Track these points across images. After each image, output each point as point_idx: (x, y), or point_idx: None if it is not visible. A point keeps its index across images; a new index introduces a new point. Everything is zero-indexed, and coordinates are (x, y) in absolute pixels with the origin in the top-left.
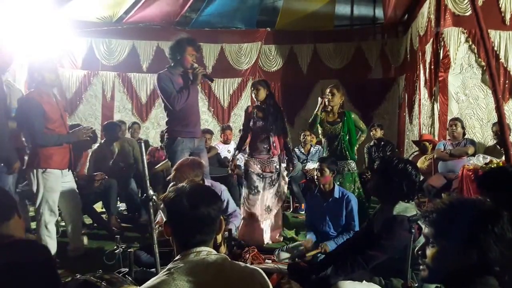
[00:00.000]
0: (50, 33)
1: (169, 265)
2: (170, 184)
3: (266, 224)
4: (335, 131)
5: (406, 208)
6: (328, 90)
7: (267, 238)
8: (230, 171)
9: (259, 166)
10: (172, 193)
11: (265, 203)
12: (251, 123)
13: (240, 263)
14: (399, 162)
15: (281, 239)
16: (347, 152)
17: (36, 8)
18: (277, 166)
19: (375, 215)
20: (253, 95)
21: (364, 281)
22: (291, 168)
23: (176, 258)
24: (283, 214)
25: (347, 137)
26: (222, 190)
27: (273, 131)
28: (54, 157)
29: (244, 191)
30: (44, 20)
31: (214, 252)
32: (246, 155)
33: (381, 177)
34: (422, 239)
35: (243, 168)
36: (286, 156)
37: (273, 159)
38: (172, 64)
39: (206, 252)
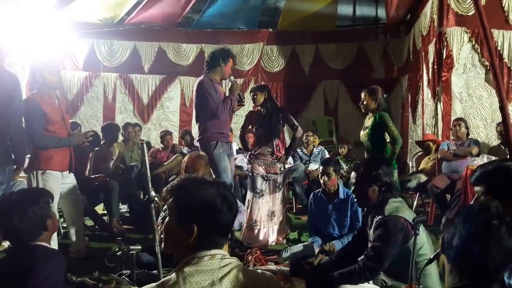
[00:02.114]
0: (52, 35)
1: (180, 267)
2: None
3: (271, 228)
4: (365, 137)
5: (397, 208)
6: (362, 95)
7: (271, 241)
8: None
9: (263, 168)
10: (210, 191)
11: (270, 208)
12: (253, 129)
13: (255, 270)
14: (359, 167)
15: (284, 241)
16: None
17: (37, 9)
18: (282, 168)
19: (367, 218)
20: (252, 100)
21: (366, 284)
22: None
23: (187, 259)
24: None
25: (371, 143)
26: None
27: (275, 134)
28: (54, 159)
29: (248, 194)
30: (45, 21)
31: (228, 255)
32: (251, 157)
33: (355, 188)
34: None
35: (245, 169)
36: (287, 147)
37: (277, 160)
38: (208, 71)
39: (220, 256)
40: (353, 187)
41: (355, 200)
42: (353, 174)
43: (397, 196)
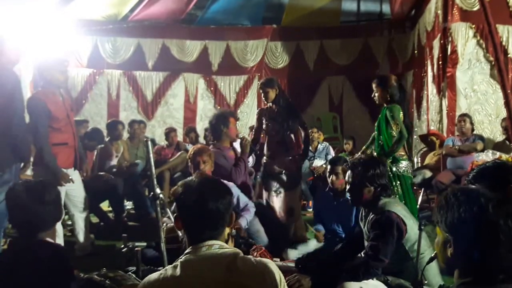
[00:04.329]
0: (55, 32)
1: (180, 258)
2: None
3: (291, 225)
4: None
5: (388, 203)
6: (373, 86)
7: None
8: None
9: (278, 166)
10: (180, 188)
11: (289, 205)
12: (263, 126)
13: (252, 258)
14: (357, 166)
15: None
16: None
17: (40, 6)
18: (297, 166)
19: (361, 216)
20: (263, 98)
21: (370, 280)
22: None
23: (188, 251)
24: None
25: (379, 135)
26: (231, 186)
27: (288, 131)
28: (59, 156)
29: (265, 194)
30: (49, 18)
31: (226, 246)
32: (265, 157)
33: (351, 187)
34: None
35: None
36: (302, 150)
37: (293, 159)
38: (215, 141)
39: (218, 246)
40: (348, 186)
41: (349, 198)
42: (349, 173)
43: (390, 196)
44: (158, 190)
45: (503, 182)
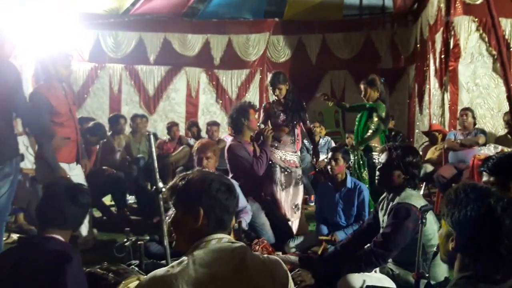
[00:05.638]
0: (57, 26)
1: (189, 252)
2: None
3: (295, 221)
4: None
5: (410, 196)
6: (361, 87)
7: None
8: None
9: (283, 160)
10: (207, 175)
11: (294, 202)
12: (272, 119)
13: (261, 255)
14: (396, 149)
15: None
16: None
17: (42, 1)
18: (300, 161)
19: (381, 203)
20: (276, 95)
21: (373, 272)
22: (314, 160)
23: (196, 244)
24: None
25: (358, 127)
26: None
27: (297, 122)
28: (62, 150)
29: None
30: (50, 12)
31: (234, 240)
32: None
33: (383, 166)
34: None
35: None
36: (312, 145)
37: (297, 153)
38: (237, 134)
39: (227, 240)
40: (380, 166)
41: (376, 179)
42: (386, 153)
43: (415, 188)
44: (160, 184)
45: None
